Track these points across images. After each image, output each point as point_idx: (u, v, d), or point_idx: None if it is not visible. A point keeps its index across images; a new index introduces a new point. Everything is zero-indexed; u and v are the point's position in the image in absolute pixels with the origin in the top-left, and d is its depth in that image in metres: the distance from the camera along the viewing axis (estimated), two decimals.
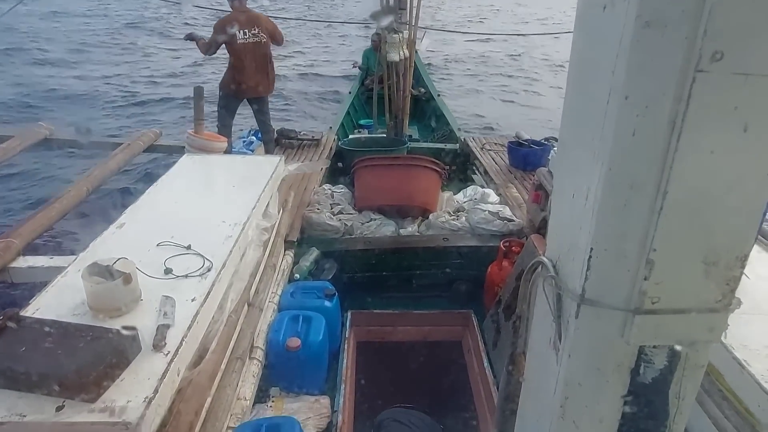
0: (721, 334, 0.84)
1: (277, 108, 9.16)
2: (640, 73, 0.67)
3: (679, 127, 0.68)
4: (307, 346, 2.42)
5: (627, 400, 0.91)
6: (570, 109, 0.88)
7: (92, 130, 6.98)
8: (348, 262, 3.42)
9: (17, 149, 4.33)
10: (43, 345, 1.41)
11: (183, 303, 1.73)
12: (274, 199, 3.04)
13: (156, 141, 4.92)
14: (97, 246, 2.06)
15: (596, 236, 0.78)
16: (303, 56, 15.88)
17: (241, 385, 2.15)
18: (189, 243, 2.07)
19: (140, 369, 1.45)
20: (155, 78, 12.52)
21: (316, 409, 2.35)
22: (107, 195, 4.89)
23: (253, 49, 4.81)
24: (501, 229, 3.57)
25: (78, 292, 1.67)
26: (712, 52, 0.64)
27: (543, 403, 1.00)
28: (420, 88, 7.29)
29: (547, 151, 4.75)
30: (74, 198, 3.44)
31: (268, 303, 2.67)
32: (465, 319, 3.16)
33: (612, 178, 0.73)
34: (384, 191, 3.83)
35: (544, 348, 0.99)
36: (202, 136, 3.77)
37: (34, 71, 12.07)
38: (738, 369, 1.68)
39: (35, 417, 1.28)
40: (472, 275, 3.44)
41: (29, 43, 14.85)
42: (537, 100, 12.13)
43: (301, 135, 5.64)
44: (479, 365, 2.80)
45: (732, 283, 0.81)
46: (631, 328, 0.81)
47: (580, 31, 0.83)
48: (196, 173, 3.06)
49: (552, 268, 0.93)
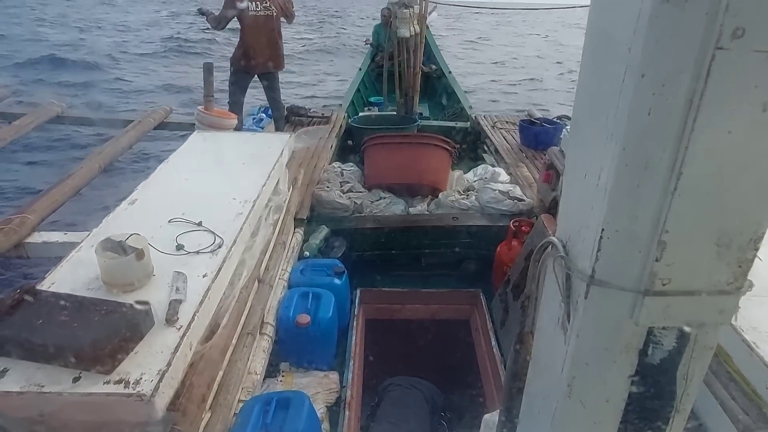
0: (731, 316, 0.84)
1: (287, 84, 9.12)
2: (657, 50, 0.66)
3: (696, 105, 0.67)
4: (317, 322, 2.45)
5: (634, 380, 0.92)
6: (584, 86, 0.87)
7: (103, 106, 7.01)
8: (357, 240, 3.43)
9: (30, 126, 4.36)
10: (59, 318, 1.44)
11: (194, 279, 1.76)
12: (284, 177, 3.04)
13: (166, 118, 4.94)
14: (110, 222, 2.08)
15: (608, 217, 0.77)
16: (314, 33, 15.74)
17: (251, 359, 2.18)
18: (200, 219, 2.09)
19: (153, 343, 1.48)
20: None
21: (325, 384, 2.39)
22: (119, 171, 4.93)
23: (264, 23, 4.76)
24: (511, 209, 3.55)
25: (92, 267, 1.70)
26: (733, 29, 0.62)
27: (550, 381, 1.01)
28: (431, 65, 7.19)
29: (559, 130, 4.69)
30: (87, 174, 3.47)
31: (278, 280, 2.70)
32: (473, 298, 3.18)
33: (626, 157, 0.72)
34: (394, 169, 3.82)
35: (553, 327, 0.99)
36: (212, 113, 3.77)
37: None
38: (747, 351, 1.68)
39: (53, 387, 1.31)
40: (482, 254, 3.44)
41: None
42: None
43: (311, 112, 5.61)
44: (487, 344, 2.82)
45: (744, 265, 0.80)
46: (641, 309, 0.80)
47: (596, 7, 0.81)
48: (207, 150, 3.06)
49: (562, 248, 0.92)
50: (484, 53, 15.92)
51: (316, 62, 14.13)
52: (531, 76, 13.67)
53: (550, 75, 13.87)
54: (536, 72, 13.92)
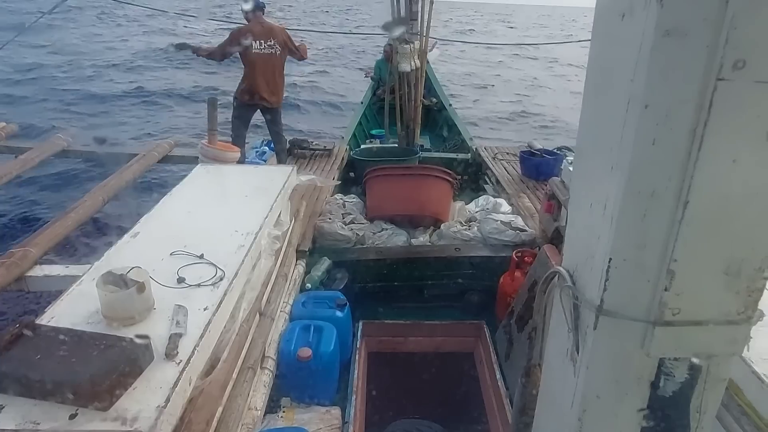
0: (743, 346, 0.83)
1: (291, 118, 9.26)
2: (660, 81, 0.67)
3: (700, 135, 0.67)
4: (319, 356, 2.41)
5: (646, 413, 0.90)
6: (587, 117, 0.88)
7: (108, 140, 7.10)
8: (359, 271, 3.41)
9: (35, 160, 4.41)
10: (58, 353, 1.42)
11: (195, 312, 1.74)
12: (286, 209, 3.05)
13: (170, 152, 4.99)
14: (112, 255, 2.08)
15: (615, 246, 0.77)
16: (315, 66, 16.07)
17: (252, 395, 2.14)
18: (202, 252, 2.08)
19: (152, 377, 1.45)
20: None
21: (326, 419, 2.34)
22: (122, 205, 4.95)
23: (267, 61, 4.87)
24: (513, 239, 3.54)
25: (93, 301, 1.69)
26: (734, 61, 0.63)
27: (560, 416, 0.98)
28: (431, 98, 7.30)
29: (560, 160, 4.72)
30: (90, 208, 3.49)
31: (279, 313, 2.67)
32: (477, 330, 3.13)
33: (631, 187, 0.72)
34: (396, 201, 3.83)
35: (561, 360, 0.97)
36: (216, 146, 3.81)
37: None
38: (757, 383, 1.64)
39: (49, 425, 1.28)
40: (485, 286, 3.42)
41: None
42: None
43: (314, 145, 5.67)
44: (491, 377, 2.77)
45: (754, 294, 0.79)
46: (652, 339, 0.79)
47: (598, 40, 0.82)
48: (210, 183, 3.08)
49: (569, 278, 0.91)
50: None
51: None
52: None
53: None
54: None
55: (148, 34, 20.76)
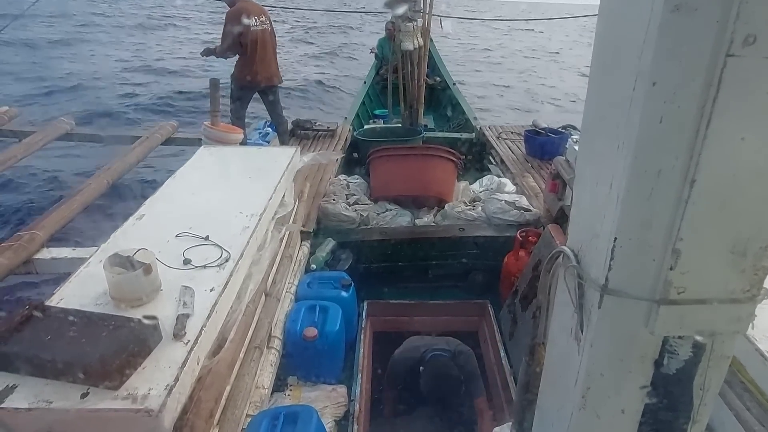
0: (748, 324, 0.83)
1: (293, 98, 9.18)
2: (668, 58, 0.65)
3: (708, 113, 0.66)
4: (324, 335, 2.43)
5: (649, 391, 0.90)
6: (594, 95, 0.86)
7: (112, 123, 7.08)
8: (364, 252, 3.43)
9: (39, 144, 4.41)
10: (68, 334, 1.44)
11: (202, 293, 1.75)
12: (290, 190, 3.05)
13: (173, 134, 4.98)
14: (118, 237, 2.09)
15: (620, 225, 0.76)
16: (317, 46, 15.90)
17: (259, 373, 2.17)
18: (207, 234, 2.09)
19: (161, 357, 1.47)
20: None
21: (333, 397, 2.38)
22: (127, 187, 4.96)
23: (266, 38, 4.82)
24: (517, 219, 3.54)
25: (100, 283, 1.70)
26: (745, 36, 0.62)
27: (564, 393, 0.99)
28: (435, 77, 7.23)
29: (565, 139, 4.68)
30: (95, 190, 3.50)
31: (285, 293, 2.69)
32: (481, 309, 3.16)
33: (638, 166, 0.72)
34: (400, 181, 3.82)
35: (565, 338, 0.98)
36: (219, 128, 3.80)
37: None
38: (761, 360, 1.65)
39: (61, 403, 1.31)
40: (489, 265, 3.43)
41: None
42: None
43: (317, 126, 5.64)
44: (495, 355, 2.80)
45: (760, 273, 0.79)
46: (656, 318, 0.79)
47: (605, 16, 0.81)
48: (213, 165, 3.08)
49: (574, 257, 0.91)
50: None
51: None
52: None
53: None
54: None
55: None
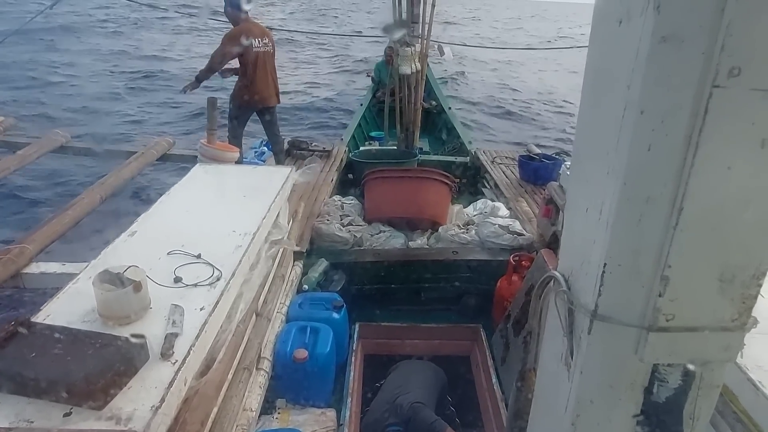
0: (737, 353, 0.83)
1: (292, 119, 9.24)
2: (656, 87, 0.67)
3: (695, 142, 0.68)
4: (315, 357, 2.41)
5: (639, 419, 0.90)
6: (584, 122, 0.88)
7: (107, 138, 7.09)
8: (357, 273, 3.41)
9: (34, 156, 4.40)
10: (53, 351, 1.41)
11: (192, 312, 1.73)
12: (284, 210, 3.05)
13: (169, 150, 4.98)
14: (109, 253, 2.07)
15: (610, 251, 0.77)
16: (316, 67, 16.07)
17: (247, 395, 2.14)
18: (199, 252, 2.08)
19: (147, 377, 1.45)
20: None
21: (322, 421, 2.33)
22: (120, 203, 4.94)
23: (266, 59, 4.88)
24: (511, 243, 3.54)
25: (89, 299, 1.68)
26: (730, 68, 0.64)
27: (554, 420, 0.98)
28: (431, 101, 7.31)
29: (558, 165, 4.73)
30: (87, 205, 3.48)
31: (276, 313, 2.67)
32: (474, 333, 3.13)
33: (627, 192, 0.73)
34: (394, 203, 3.83)
35: (556, 364, 0.97)
36: (215, 146, 3.81)
37: None
38: (753, 390, 1.64)
39: (43, 423, 1.28)
40: (482, 289, 3.42)
41: None
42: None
43: (313, 146, 5.67)
44: (487, 380, 2.77)
45: (748, 302, 0.80)
46: (645, 345, 0.79)
47: (596, 45, 0.83)
48: (208, 183, 3.08)
49: (564, 282, 0.91)
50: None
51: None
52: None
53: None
54: None
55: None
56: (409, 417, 2.32)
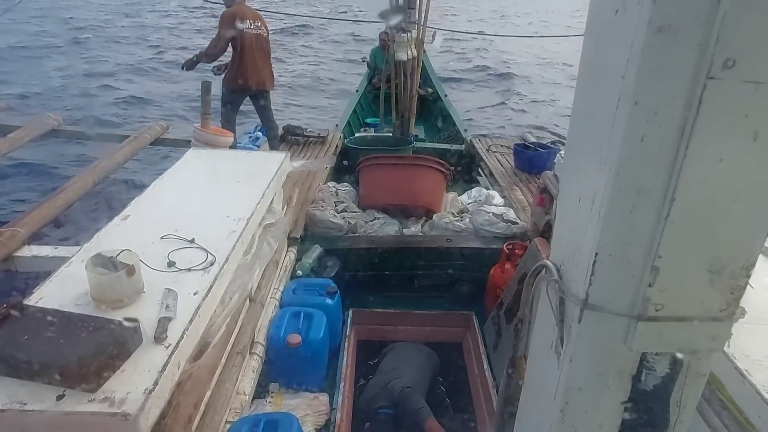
0: (724, 343, 0.84)
1: (286, 104, 9.17)
2: (650, 78, 0.67)
3: (688, 133, 0.68)
4: (308, 343, 2.42)
5: (627, 406, 0.91)
6: (578, 112, 0.88)
7: (100, 121, 7.02)
8: (351, 260, 3.42)
9: (25, 139, 4.35)
10: (46, 334, 1.41)
11: (185, 296, 1.74)
12: (278, 196, 3.04)
13: (163, 134, 4.94)
14: (102, 237, 2.07)
15: (601, 241, 0.77)
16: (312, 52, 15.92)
17: (240, 379, 2.15)
18: (193, 237, 2.07)
19: (141, 361, 1.45)
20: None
21: (314, 406, 2.36)
22: (113, 187, 4.91)
23: (260, 42, 4.83)
24: (504, 232, 3.56)
25: (81, 283, 1.68)
26: (724, 60, 0.64)
27: (543, 407, 1.00)
28: (427, 87, 7.27)
29: (553, 154, 4.74)
30: (80, 189, 3.46)
31: (269, 299, 2.68)
32: (466, 320, 3.16)
33: (619, 183, 0.73)
34: (388, 190, 3.83)
35: (546, 352, 0.98)
36: (209, 130, 3.78)
37: None
38: (739, 379, 1.67)
39: (36, 405, 1.28)
40: (475, 277, 3.43)
41: None
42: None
43: (307, 132, 5.64)
44: (479, 367, 2.80)
45: (737, 293, 0.81)
46: (634, 334, 0.80)
47: (591, 35, 0.82)
48: (202, 167, 3.06)
49: (556, 271, 0.92)
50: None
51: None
52: None
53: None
54: None
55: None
56: (399, 401, 2.37)
